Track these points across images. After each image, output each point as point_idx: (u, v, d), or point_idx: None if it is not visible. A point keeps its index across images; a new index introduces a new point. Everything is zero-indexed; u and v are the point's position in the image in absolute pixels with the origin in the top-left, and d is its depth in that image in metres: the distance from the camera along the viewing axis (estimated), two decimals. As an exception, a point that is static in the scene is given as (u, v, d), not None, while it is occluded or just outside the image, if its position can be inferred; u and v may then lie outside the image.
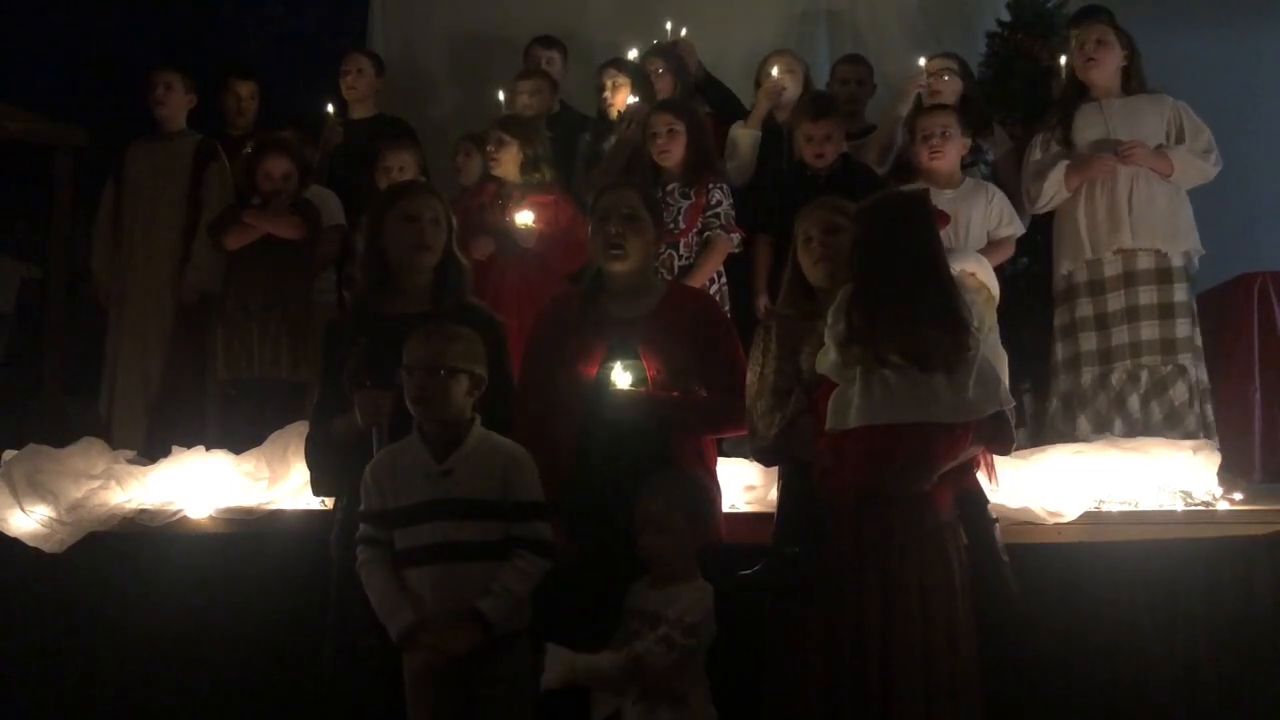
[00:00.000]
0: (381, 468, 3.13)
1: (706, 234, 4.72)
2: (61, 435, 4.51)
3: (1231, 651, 3.65)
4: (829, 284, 3.34)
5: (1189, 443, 4.18)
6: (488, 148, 5.04)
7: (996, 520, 3.28)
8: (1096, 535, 3.77)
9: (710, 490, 3.20)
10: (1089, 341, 4.76)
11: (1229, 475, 4.08)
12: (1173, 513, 3.87)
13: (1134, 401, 4.67)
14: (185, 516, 4.03)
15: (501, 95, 5.84)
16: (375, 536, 3.11)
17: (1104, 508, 3.87)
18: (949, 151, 4.72)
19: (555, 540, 3.15)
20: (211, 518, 4.03)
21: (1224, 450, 4.15)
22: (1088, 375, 4.75)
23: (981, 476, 3.26)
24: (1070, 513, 3.77)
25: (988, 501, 3.28)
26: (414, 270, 3.49)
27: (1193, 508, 3.89)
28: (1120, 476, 3.96)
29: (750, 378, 3.46)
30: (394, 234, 3.48)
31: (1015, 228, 4.85)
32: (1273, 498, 4.10)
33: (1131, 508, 3.89)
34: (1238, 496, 3.95)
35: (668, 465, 3.26)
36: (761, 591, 3.23)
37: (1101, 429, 4.64)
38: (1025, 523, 3.69)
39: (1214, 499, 3.93)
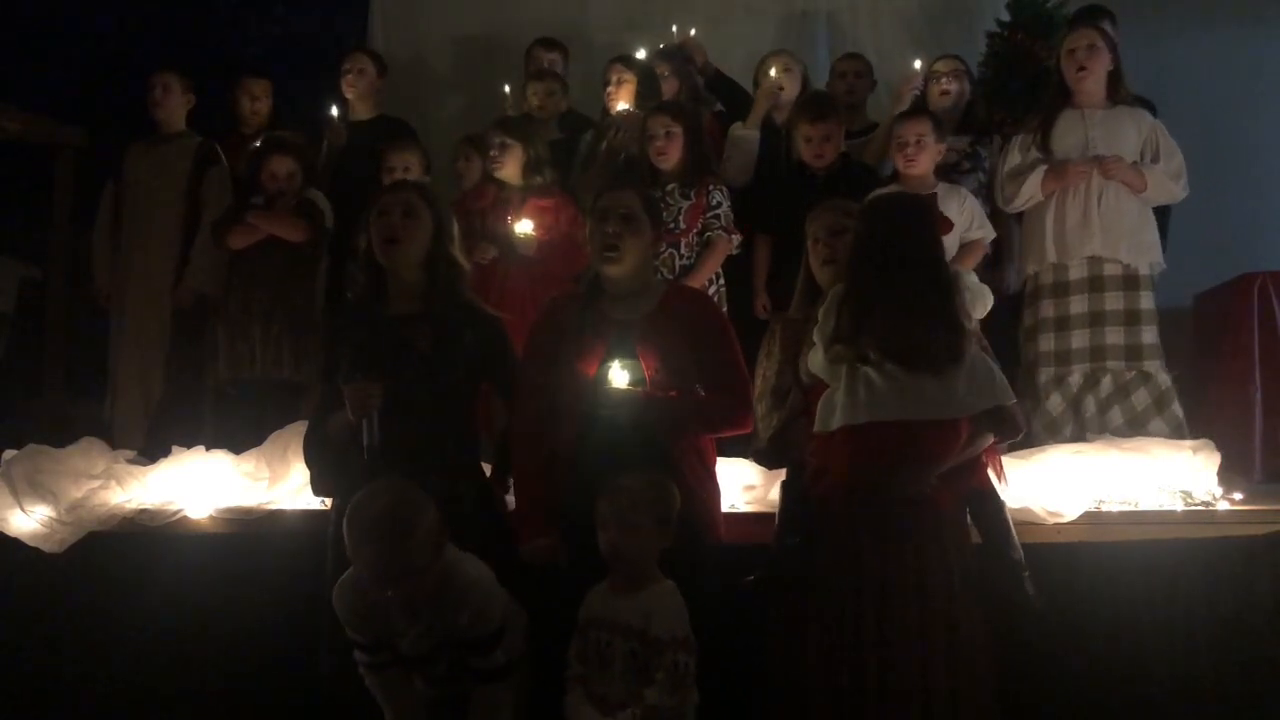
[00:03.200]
0: (358, 611, 3.08)
1: (707, 235, 4.73)
2: (61, 435, 4.51)
3: (1231, 651, 3.63)
4: (835, 285, 3.35)
5: (1189, 442, 4.17)
6: (490, 152, 5.03)
7: (1008, 519, 3.28)
8: (1096, 535, 3.76)
9: (677, 493, 3.14)
10: (1047, 342, 4.75)
11: (1229, 475, 4.08)
12: (1172, 513, 3.87)
13: (1090, 404, 4.65)
14: (185, 516, 4.04)
15: (507, 88, 5.85)
16: (375, 662, 3.14)
17: (1104, 508, 3.87)
18: (923, 159, 4.70)
19: (551, 545, 3.22)
20: (211, 518, 4.04)
21: (1223, 450, 4.14)
22: (1043, 375, 4.74)
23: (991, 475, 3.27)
24: (1070, 513, 3.77)
25: (1000, 500, 3.27)
26: (393, 266, 3.50)
27: (1192, 508, 3.88)
28: (1120, 476, 3.96)
29: (756, 380, 3.47)
30: (372, 231, 3.52)
31: (986, 231, 4.84)
32: (1272, 498, 4.09)
33: (1131, 508, 3.89)
34: (1237, 496, 3.95)
35: (648, 465, 3.20)
36: (762, 591, 3.24)
37: (1054, 430, 4.63)
38: (1025, 522, 3.68)
39: (1214, 499, 3.93)
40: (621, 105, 5.35)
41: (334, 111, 5.72)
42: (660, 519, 3.07)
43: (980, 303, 3.97)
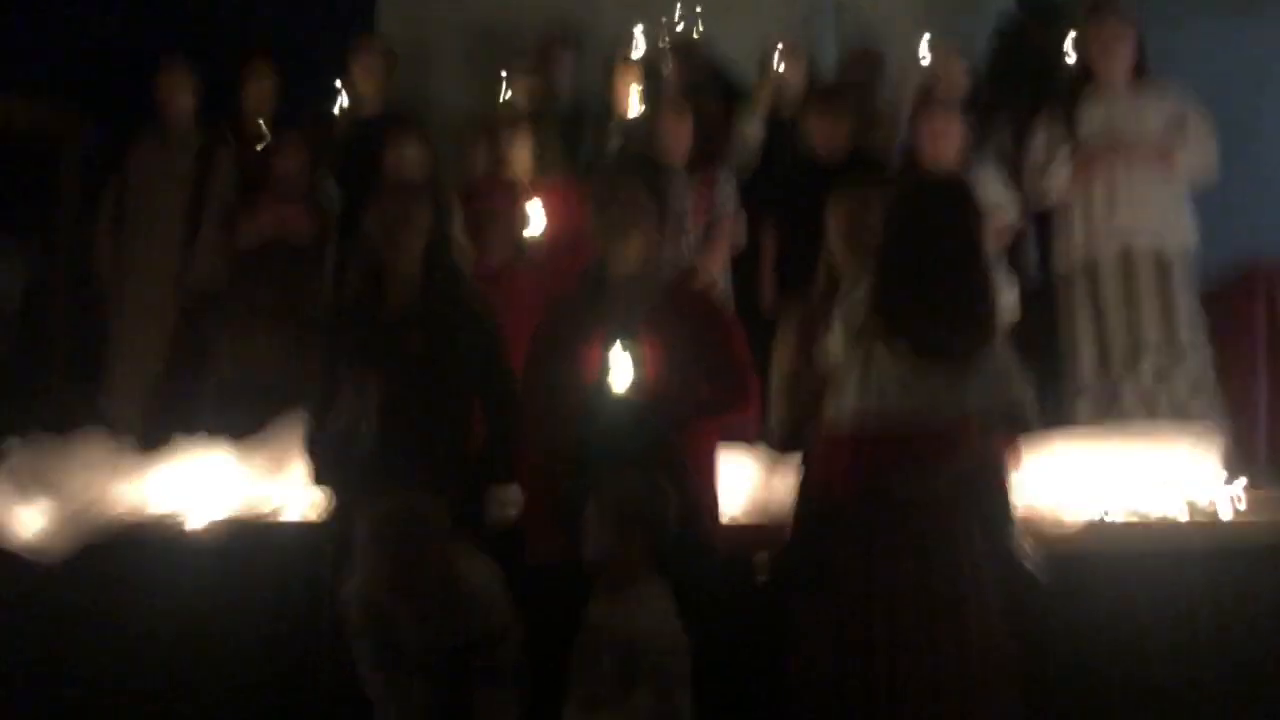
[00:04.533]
0: (367, 613, 3.10)
1: (711, 221, 4.74)
2: (65, 429, 4.52)
3: (1236, 656, 3.64)
4: (855, 270, 3.34)
5: (1191, 429, 4.16)
6: (501, 141, 5.02)
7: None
8: (1101, 542, 3.76)
9: (666, 496, 3.13)
10: (1086, 330, 4.76)
11: (1234, 473, 4.06)
12: (1176, 519, 3.86)
13: (1130, 389, 4.65)
14: (187, 512, 4.04)
15: (507, 89, 5.85)
16: (380, 663, 3.14)
17: (1108, 517, 3.86)
18: (951, 149, 4.70)
19: (559, 547, 3.20)
20: (213, 513, 4.04)
21: (1229, 443, 4.13)
22: (1084, 362, 4.74)
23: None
24: (1075, 520, 3.76)
25: (1004, 478, 3.23)
26: (391, 265, 3.51)
27: (1197, 515, 3.87)
28: (1124, 475, 3.94)
29: (772, 366, 3.48)
30: (370, 230, 3.53)
31: (1010, 208, 4.82)
32: (1276, 505, 4.07)
33: (1135, 515, 3.88)
34: (1243, 500, 3.93)
35: (648, 464, 3.19)
36: (769, 589, 3.25)
37: (1099, 416, 4.62)
38: (1030, 528, 3.66)
39: (1219, 503, 3.91)
40: (635, 107, 5.33)
41: (340, 102, 5.71)
42: (630, 522, 3.03)
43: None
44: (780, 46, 5.56)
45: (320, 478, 3.58)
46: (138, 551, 3.99)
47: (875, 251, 3.22)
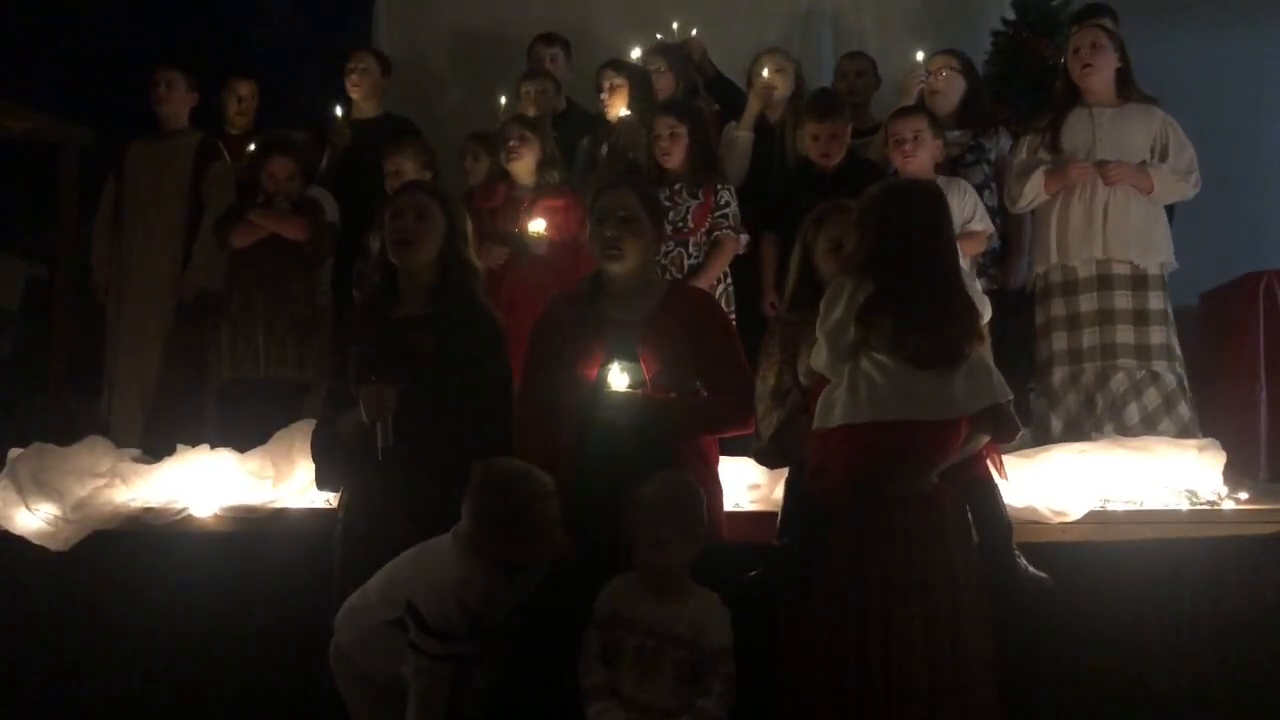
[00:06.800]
0: (486, 599, 3.03)
1: (715, 234, 4.74)
2: (67, 433, 4.52)
3: (1237, 651, 3.63)
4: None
5: (1194, 442, 4.16)
6: (510, 143, 5.01)
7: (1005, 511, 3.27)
8: (1101, 534, 3.75)
9: (700, 490, 3.14)
10: (1060, 341, 4.73)
11: (1234, 474, 4.06)
12: (1178, 512, 3.85)
13: (1101, 402, 4.63)
14: (190, 515, 4.03)
15: (503, 98, 5.85)
16: (462, 653, 3.05)
17: (1109, 507, 3.86)
18: (921, 155, 4.66)
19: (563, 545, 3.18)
20: (216, 516, 4.04)
21: (1229, 449, 4.13)
22: (1058, 374, 4.72)
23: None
24: (1075, 512, 3.76)
25: (997, 492, 3.25)
26: (406, 268, 3.50)
27: (1198, 507, 3.87)
28: (1125, 475, 3.95)
29: (758, 381, 3.47)
30: (386, 233, 3.51)
31: (984, 224, 4.80)
32: (1278, 497, 4.08)
33: (1136, 507, 3.88)
34: (1243, 496, 3.94)
35: (661, 470, 3.18)
36: (762, 589, 3.24)
37: (1072, 428, 4.61)
38: (1030, 522, 3.67)
39: (1219, 498, 3.92)
40: (621, 111, 5.34)
41: (337, 111, 5.72)
42: (687, 526, 3.05)
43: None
44: (766, 56, 5.57)
45: (328, 479, 3.55)
46: (142, 542, 3.99)
47: (851, 262, 3.24)
